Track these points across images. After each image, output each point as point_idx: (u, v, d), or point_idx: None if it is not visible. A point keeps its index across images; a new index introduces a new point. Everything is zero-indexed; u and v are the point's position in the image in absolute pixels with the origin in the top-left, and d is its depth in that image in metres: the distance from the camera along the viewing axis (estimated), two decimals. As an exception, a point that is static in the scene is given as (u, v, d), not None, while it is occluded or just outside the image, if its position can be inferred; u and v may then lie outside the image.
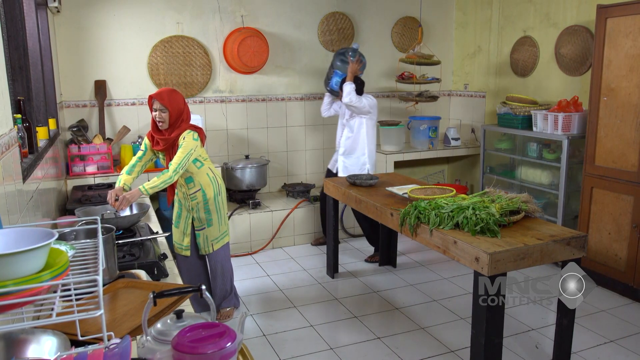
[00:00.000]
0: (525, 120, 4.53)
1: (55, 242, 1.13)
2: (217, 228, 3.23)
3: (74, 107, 4.51)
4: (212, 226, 3.21)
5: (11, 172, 1.81)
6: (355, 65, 4.21)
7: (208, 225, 3.20)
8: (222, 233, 3.27)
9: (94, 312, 1.01)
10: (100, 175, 4.16)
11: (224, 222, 3.28)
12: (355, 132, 4.25)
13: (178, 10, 4.68)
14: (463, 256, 2.46)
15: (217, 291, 3.34)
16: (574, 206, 4.25)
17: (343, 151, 4.35)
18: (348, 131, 4.30)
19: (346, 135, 4.31)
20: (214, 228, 3.21)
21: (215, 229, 3.23)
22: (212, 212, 3.18)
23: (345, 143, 4.32)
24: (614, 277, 3.74)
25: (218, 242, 3.26)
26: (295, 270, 4.31)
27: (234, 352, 1.18)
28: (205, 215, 3.18)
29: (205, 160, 3.15)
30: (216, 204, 3.20)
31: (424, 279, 4.11)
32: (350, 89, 4.08)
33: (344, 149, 4.34)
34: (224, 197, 3.27)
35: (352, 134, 4.27)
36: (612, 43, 3.63)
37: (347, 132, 4.31)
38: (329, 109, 4.56)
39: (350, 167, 4.31)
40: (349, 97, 4.05)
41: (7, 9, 2.46)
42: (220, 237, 3.27)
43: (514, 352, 3.01)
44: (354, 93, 4.07)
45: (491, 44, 5.30)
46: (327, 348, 3.09)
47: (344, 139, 4.33)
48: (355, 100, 4.05)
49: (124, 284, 1.90)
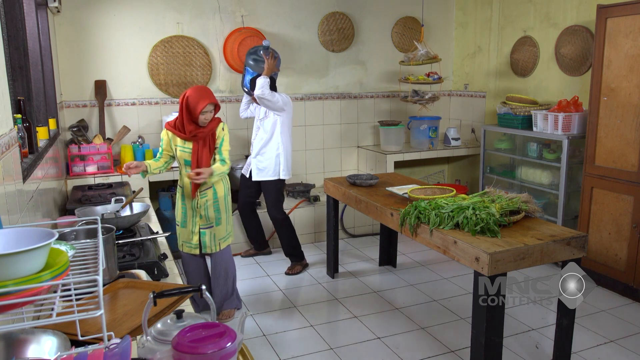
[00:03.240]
0: (525, 120, 4.53)
1: (55, 242, 1.13)
2: (225, 227, 3.27)
3: (74, 107, 4.51)
4: (220, 225, 3.24)
5: (11, 172, 1.81)
6: (271, 62, 3.93)
7: (217, 223, 3.22)
8: (228, 233, 3.31)
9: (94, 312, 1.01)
10: (101, 175, 4.16)
11: (230, 221, 3.32)
12: (269, 133, 4.03)
13: (178, 10, 4.68)
14: (463, 256, 2.46)
15: (218, 292, 3.34)
16: (574, 206, 4.25)
17: (255, 153, 4.10)
18: (262, 132, 4.07)
19: (260, 137, 4.08)
20: (221, 227, 3.25)
21: (223, 228, 3.26)
22: (221, 211, 3.22)
23: (259, 145, 4.08)
24: (614, 277, 3.74)
25: (224, 241, 3.29)
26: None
27: (234, 352, 1.18)
28: (215, 214, 3.21)
29: None
30: (225, 203, 3.25)
31: (424, 279, 4.12)
32: (264, 82, 3.84)
33: (256, 151, 4.10)
34: (230, 198, 3.34)
35: (266, 134, 4.04)
36: (612, 43, 3.63)
37: (261, 132, 4.08)
38: (246, 109, 4.29)
39: (263, 169, 4.07)
40: (261, 90, 3.81)
41: (7, 9, 2.46)
42: (227, 236, 3.31)
43: (514, 352, 3.01)
44: (267, 86, 3.84)
45: (491, 44, 5.30)
46: (327, 348, 3.09)
47: (257, 140, 4.10)
48: (267, 93, 3.83)
49: (124, 284, 1.90)
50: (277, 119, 4.02)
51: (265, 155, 4.06)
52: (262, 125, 4.09)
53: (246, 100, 4.26)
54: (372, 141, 5.64)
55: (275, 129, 4.03)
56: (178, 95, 4.76)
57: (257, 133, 4.13)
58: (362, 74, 5.47)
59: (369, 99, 5.55)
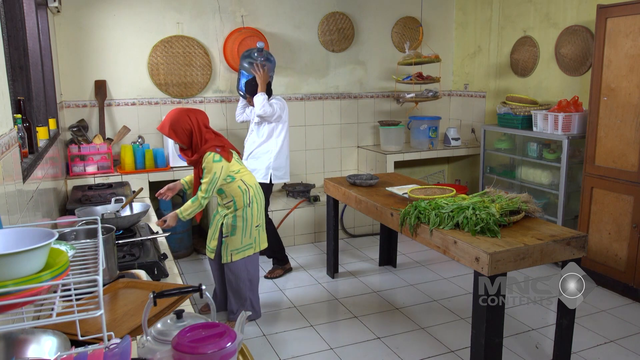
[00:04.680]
0: (525, 120, 4.53)
1: (55, 242, 1.13)
2: (240, 239, 3.16)
3: (74, 107, 4.51)
4: (234, 236, 3.15)
5: (11, 172, 1.81)
6: (263, 74, 3.88)
7: (231, 234, 3.15)
8: (244, 245, 3.18)
9: (94, 312, 1.01)
10: (100, 175, 4.16)
11: (249, 234, 3.18)
12: (265, 137, 3.96)
13: (178, 10, 4.68)
14: (463, 256, 2.46)
15: (230, 298, 3.29)
16: (574, 206, 4.25)
17: (247, 155, 4.04)
18: (255, 135, 4.01)
19: (252, 140, 4.03)
20: (236, 238, 3.15)
21: (237, 240, 3.16)
22: (237, 221, 3.14)
23: (250, 147, 4.03)
24: (614, 277, 3.74)
25: (238, 253, 3.17)
26: (295, 270, 4.31)
27: (234, 352, 1.18)
28: (232, 224, 3.15)
29: (237, 174, 3.10)
30: (244, 214, 3.14)
31: (424, 279, 4.12)
32: (263, 101, 3.81)
33: (247, 153, 4.04)
34: (255, 209, 3.18)
35: (260, 138, 3.97)
36: (612, 43, 3.63)
37: (253, 136, 4.02)
38: (241, 113, 4.19)
39: (253, 170, 3.93)
40: (262, 110, 3.79)
41: (7, 9, 2.46)
42: (242, 249, 3.18)
43: (514, 352, 3.01)
44: (267, 104, 3.81)
45: (491, 44, 5.30)
46: (327, 348, 3.09)
47: (249, 143, 4.05)
48: (269, 112, 3.81)
49: (124, 284, 1.90)
50: (274, 125, 3.97)
51: (258, 158, 4.00)
52: (257, 130, 4.02)
53: (242, 105, 4.18)
54: (372, 141, 5.64)
55: (273, 133, 3.98)
56: (178, 96, 4.77)
57: (250, 136, 4.08)
58: (362, 74, 5.47)
59: (369, 99, 5.55)
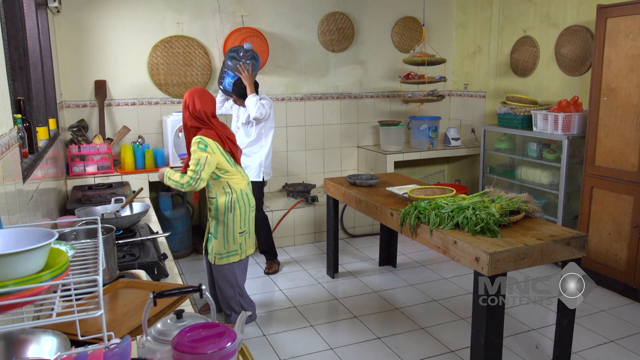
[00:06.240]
0: (525, 120, 4.53)
1: (55, 242, 1.13)
2: (222, 244, 3.07)
3: (74, 107, 4.51)
4: (216, 239, 3.08)
5: (11, 172, 1.81)
6: (251, 76, 3.83)
7: (214, 236, 3.10)
8: (228, 251, 3.09)
9: (94, 312, 1.01)
10: (100, 175, 4.16)
11: (233, 240, 3.08)
12: (254, 136, 3.94)
13: (178, 10, 4.68)
14: (463, 256, 2.46)
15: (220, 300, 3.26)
16: (574, 206, 4.25)
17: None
18: (244, 136, 3.97)
19: (240, 141, 3.93)
20: (218, 242, 3.08)
21: (220, 244, 3.08)
22: (219, 225, 3.06)
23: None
24: (614, 277, 3.74)
25: (222, 258, 3.09)
26: (295, 270, 4.31)
27: (234, 352, 1.18)
28: (215, 226, 3.09)
29: (225, 174, 3.01)
30: (225, 220, 3.04)
31: (424, 279, 4.12)
32: (257, 102, 3.74)
33: None
34: (238, 215, 3.07)
35: (249, 138, 3.94)
36: (612, 43, 3.63)
37: (241, 136, 3.97)
38: (221, 107, 4.12)
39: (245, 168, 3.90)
40: (258, 112, 3.73)
41: (7, 9, 2.46)
42: (226, 254, 3.09)
43: (514, 352, 3.01)
44: (260, 104, 3.75)
45: (491, 44, 5.30)
46: (327, 348, 3.09)
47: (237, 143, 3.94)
48: (264, 113, 3.76)
49: (124, 284, 1.90)
50: (262, 124, 3.94)
51: (249, 157, 3.98)
52: (244, 129, 3.99)
53: (221, 99, 4.13)
54: (372, 141, 5.64)
55: (263, 132, 3.97)
56: (178, 95, 4.76)
57: (237, 135, 3.98)
58: (362, 74, 5.47)
59: (369, 99, 5.55)
